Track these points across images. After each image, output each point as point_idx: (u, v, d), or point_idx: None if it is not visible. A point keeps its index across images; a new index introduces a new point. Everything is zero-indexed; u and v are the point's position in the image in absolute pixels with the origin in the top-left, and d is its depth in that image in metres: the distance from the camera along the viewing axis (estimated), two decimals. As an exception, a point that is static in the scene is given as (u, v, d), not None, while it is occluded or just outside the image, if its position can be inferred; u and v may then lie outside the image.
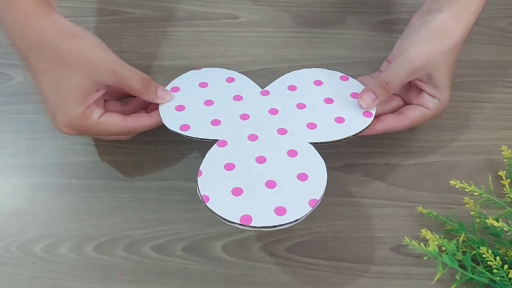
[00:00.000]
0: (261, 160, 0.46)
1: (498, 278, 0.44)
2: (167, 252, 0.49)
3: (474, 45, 0.64)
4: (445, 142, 0.56)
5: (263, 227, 0.41)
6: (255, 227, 0.41)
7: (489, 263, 0.44)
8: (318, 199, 0.43)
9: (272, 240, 0.50)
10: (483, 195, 0.47)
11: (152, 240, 0.49)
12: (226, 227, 0.50)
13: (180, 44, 0.63)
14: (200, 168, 0.45)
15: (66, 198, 0.51)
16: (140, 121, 0.49)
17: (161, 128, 0.55)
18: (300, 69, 0.55)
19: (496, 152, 0.55)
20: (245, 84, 0.54)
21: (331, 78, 0.54)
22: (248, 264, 0.48)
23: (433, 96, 0.51)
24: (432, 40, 0.49)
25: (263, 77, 0.60)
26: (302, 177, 0.45)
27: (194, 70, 0.55)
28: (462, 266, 0.45)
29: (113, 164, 0.54)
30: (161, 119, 0.49)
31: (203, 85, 0.53)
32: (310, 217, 0.51)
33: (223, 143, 0.47)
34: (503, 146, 0.52)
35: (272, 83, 0.54)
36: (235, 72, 0.55)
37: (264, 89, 0.53)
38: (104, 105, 0.49)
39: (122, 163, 0.54)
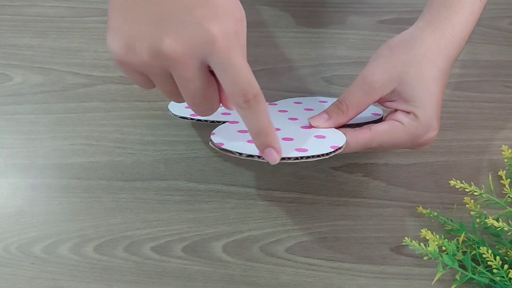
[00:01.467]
0: (275, 129, 0.45)
1: (498, 278, 0.44)
2: (167, 253, 0.49)
3: (474, 45, 0.64)
4: (445, 142, 0.56)
5: (283, 158, 0.39)
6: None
7: (489, 263, 0.44)
8: (339, 145, 0.41)
9: (272, 241, 0.50)
10: (483, 195, 0.47)
11: (152, 241, 0.49)
12: (226, 227, 0.50)
13: (180, 44, 0.63)
14: (213, 131, 0.43)
15: (66, 199, 0.51)
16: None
17: (161, 128, 0.55)
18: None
19: (496, 152, 0.55)
20: None
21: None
22: (248, 265, 0.48)
23: (407, 112, 0.43)
24: (390, 53, 0.44)
25: (263, 77, 0.60)
26: (320, 137, 0.43)
27: None
28: (462, 266, 0.45)
29: (113, 165, 0.54)
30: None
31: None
32: (310, 217, 0.51)
33: (235, 122, 0.46)
34: (504, 146, 0.51)
35: (277, 101, 0.55)
36: None
37: (271, 102, 0.54)
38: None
39: (122, 163, 0.54)
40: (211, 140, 0.42)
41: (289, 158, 0.40)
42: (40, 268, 0.48)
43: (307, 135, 0.44)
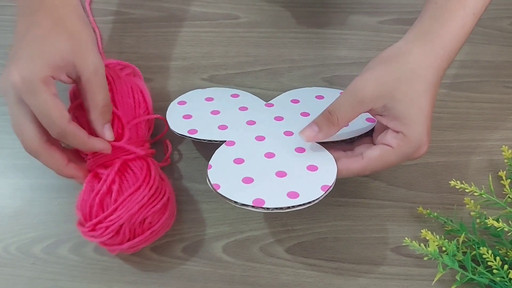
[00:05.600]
0: (269, 155, 0.46)
1: (498, 278, 0.44)
2: (167, 253, 0.49)
3: (475, 45, 0.64)
4: (445, 142, 0.56)
5: (276, 208, 0.41)
6: (268, 208, 0.41)
7: (489, 263, 0.44)
8: (330, 184, 0.43)
9: (272, 241, 0.50)
10: (483, 195, 0.47)
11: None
12: (226, 227, 0.50)
13: (180, 45, 0.63)
14: (210, 163, 0.45)
15: (66, 199, 0.51)
16: (81, 131, 0.44)
17: (161, 128, 0.55)
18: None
19: (496, 152, 0.54)
20: (249, 98, 0.55)
21: (332, 94, 0.54)
22: (248, 265, 0.48)
23: (396, 131, 0.43)
24: (381, 68, 0.44)
25: (263, 77, 0.60)
26: (312, 168, 0.45)
27: (199, 89, 0.57)
28: (462, 267, 0.45)
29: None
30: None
31: (209, 99, 0.54)
32: (310, 217, 0.51)
33: (231, 143, 0.48)
34: (504, 146, 0.51)
35: (275, 98, 0.55)
36: (239, 90, 0.57)
37: (268, 102, 0.54)
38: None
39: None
40: (207, 178, 0.44)
41: (281, 208, 0.42)
42: (40, 268, 0.48)
43: (301, 165, 0.45)
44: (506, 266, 0.43)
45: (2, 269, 0.48)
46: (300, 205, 0.42)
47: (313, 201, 0.42)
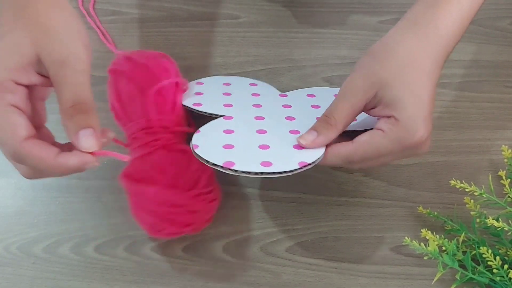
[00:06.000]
0: (261, 132, 0.46)
1: (498, 278, 0.44)
2: (168, 253, 0.49)
3: (475, 45, 0.64)
4: (445, 142, 0.56)
5: (244, 172, 0.40)
6: (236, 171, 0.40)
7: (489, 263, 0.44)
8: (308, 162, 0.42)
9: (272, 240, 0.50)
10: (483, 195, 0.47)
11: (153, 241, 0.49)
12: (227, 227, 0.50)
13: (180, 44, 0.63)
14: (199, 128, 0.46)
15: (67, 199, 0.51)
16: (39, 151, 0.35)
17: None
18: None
19: (496, 152, 0.55)
20: (266, 88, 0.56)
21: None
22: (248, 265, 0.48)
23: (387, 116, 0.42)
24: (371, 61, 0.43)
25: (264, 77, 0.60)
26: (299, 147, 0.44)
27: (222, 76, 0.58)
28: (462, 266, 0.45)
29: (113, 165, 0.54)
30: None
31: (227, 84, 0.55)
32: (310, 217, 0.51)
33: (229, 118, 0.48)
34: (504, 146, 0.51)
35: (293, 90, 0.55)
36: (261, 81, 0.57)
37: (283, 93, 0.55)
38: None
39: (123, 163, 0.54)
40: (191, 140, 0.44)
41: (249, 172, 0.40)
42: (41, 268, 0.48)
43: (288, 143, 0.44)
44: (506, 266, 0.44)
45: (3, 268, 0.48)
46: (270, 173, 0.40)
47: (285, 172, 0.40)
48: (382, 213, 0.51)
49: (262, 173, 0.40)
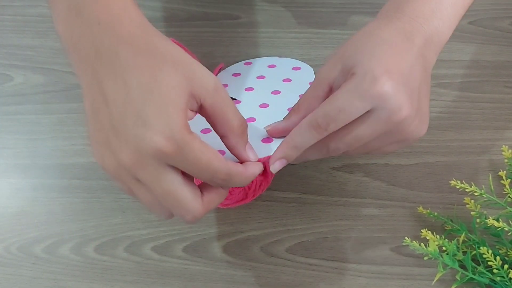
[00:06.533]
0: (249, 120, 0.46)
1: (498, 278, 0.44)
2: (168, 253, 0.49)
3: (475, 45, 0.64)
4: (446, 142, 0.56)
5: None
6: None
7: (489, 263, 0.44)
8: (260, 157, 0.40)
9: (272, 241, 0.50)
10: (483, 195, 0.47)
11: (153, 241, 0.50)
12: (227, 227, 0.50)
13: (181, 45, 0.63)
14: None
15: (67, 199, 0.52)
16: (239, 166, 0.37)
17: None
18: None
19: (496, 152, 0.55)
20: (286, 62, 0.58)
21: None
22: (248, 265, 0.48)
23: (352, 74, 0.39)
24: (342, 46, 0.43)
25: (264, 77, 0.60)
26: (268, 140, 0.43)
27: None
28: (463, 266, 0.45)
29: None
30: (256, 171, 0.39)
31: (248, 63, 0.57)
32: (310, 217, 0.51)
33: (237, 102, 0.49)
34: (504, 146, 0.51)
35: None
36: (284, 58, 0.59)
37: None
38: None
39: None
40: None
41: None
42: (41, 268, 0.48)
43: (257, 137, 0.43)
44: (506, 266, 0.44)
45: (3, 268, 0.48)
46: None
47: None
48: (382, 213, 0.51)
49: None
